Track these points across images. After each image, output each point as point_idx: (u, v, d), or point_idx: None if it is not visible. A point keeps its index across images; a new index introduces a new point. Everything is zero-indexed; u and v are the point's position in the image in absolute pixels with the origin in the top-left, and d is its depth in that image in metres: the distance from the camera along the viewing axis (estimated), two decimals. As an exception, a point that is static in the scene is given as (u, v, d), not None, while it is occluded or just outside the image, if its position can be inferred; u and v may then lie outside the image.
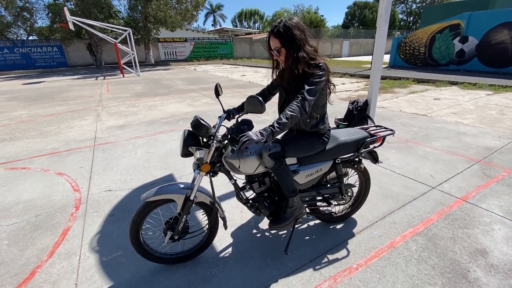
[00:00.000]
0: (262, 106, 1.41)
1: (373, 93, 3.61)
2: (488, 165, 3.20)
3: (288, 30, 1.49)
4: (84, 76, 15.97)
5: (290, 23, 1.50)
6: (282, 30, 1.49)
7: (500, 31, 9.97)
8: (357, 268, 1.82)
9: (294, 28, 1.49)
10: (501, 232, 2.10)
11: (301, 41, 1.51)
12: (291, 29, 1.49)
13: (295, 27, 1.50)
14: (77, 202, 2.68)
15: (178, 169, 3.38)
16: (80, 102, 8.05)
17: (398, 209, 2.43)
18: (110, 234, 2.20)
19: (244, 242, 2.09)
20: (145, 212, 1.66)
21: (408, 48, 13.16)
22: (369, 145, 2.00)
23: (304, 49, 1.51)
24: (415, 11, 40.85)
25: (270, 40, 1.56)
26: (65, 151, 4.12)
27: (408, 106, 6.26)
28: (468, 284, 1.67)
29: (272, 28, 1.53)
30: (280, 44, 1.52)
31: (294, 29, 1.49)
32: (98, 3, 19.22)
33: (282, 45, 1.52)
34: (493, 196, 2.58)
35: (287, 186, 1.73)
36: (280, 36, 1.51)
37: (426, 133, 4.35)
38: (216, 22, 57.36)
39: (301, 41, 1.51)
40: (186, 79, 13.11)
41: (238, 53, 29.60)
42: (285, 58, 1.56)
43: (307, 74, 1.54)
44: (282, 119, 1.44)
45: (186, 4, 22.26)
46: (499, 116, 5.19)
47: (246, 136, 1.39)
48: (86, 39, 21.83)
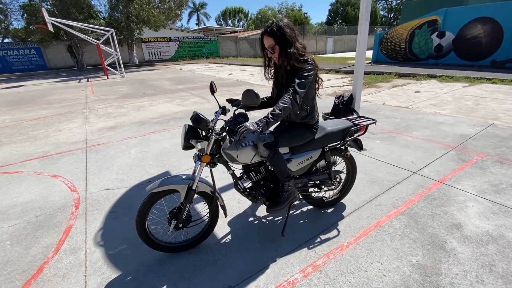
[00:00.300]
0: (258, 98, 1.56)
1: (357, 88, 3.81)
2: (463, 151, 3.47)
3: (280, 29, 1.65)
4: (66, 78, 15.54)
5: (281, 23, 1.66)
6: (275, 29, 1.65)
7: (474, 26, 10.52)
8: (347, 245, 1.99)
9: (285, 27, 1.65)
10: (474, 208, 2.34)
11: (292, 39, 1.67)
12: (283, 28, 1.65)
13: (286, 26, 1.66)
14: (76, 202, 2.73)
15: (174, 166, 3.47)
16: (65, 105, 7.90)
17: (383, 193, 2.63)
18: (113, 229, 2.28)
19: (243, 229, 2.23)
20: (151, 202, 1.76)
21: (390, 43, 13.63)
22: (353, 134, 2.20)
23: (295, 45, 1.67)
24: (395, 8, 42.03)
25: (263, 39, 1.71)
26: (56, 154, 4.10)
27: (390, 99, 6.56)
28: (445, 253, 1.88)
29: (266, 28, 1.69)
30: (274, 42, 1.67)
31: (286, 28, 1.65)
32: (77, 3, 18.67)
33: (275, 42, 1.67)
34: (467, 177, 2.83)
35: (281, 172, 1.88)
36: (273, 35, 1.66)
37: (407, 124, 4.62)
38: (200, 21, 56.84)
39: (292, 38, 1.67)
40: (173, 79, 13.04)
41: (224, 52, 29.53)
42: (279, 55, 1.71)
43: (297, 69, 1.70)
44: (276, 110, 1.59)
45: (169, 3, 21.97)
46: (474, 106, 5.55)
47: (243, 127, 1.52)
48: (66, 40, 21.17)
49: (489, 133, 3.99)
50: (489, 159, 3.21)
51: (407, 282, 1.68)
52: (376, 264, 1.83)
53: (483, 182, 2.73)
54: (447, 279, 1.69)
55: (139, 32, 22.19)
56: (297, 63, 1.69)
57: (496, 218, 2.20)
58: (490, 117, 4.73)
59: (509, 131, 4.02)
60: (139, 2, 19.72)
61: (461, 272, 1.73)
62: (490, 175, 2.85)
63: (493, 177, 2.81)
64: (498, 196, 2.48)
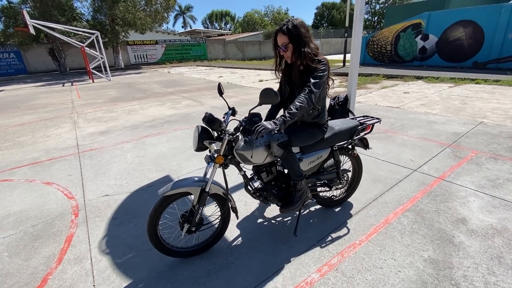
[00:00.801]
0: (277, 96, 1.55)
1: (352, 89, 3.87)
2: (458, 148, 3.59)
3: (295, 28, 1.65)
4: (48, 82, 14.99)
5: (296, 22, 1.67)
6: (290, 27, 1.65)
7: (456, 28, 10.99)
8: (360, 243, 2.00)
9: (300, 26, 1.66)
10: (475, 203, 2.41)
11: (306, 38, 1.67)
12: (298, 27, 1.65)
13: (301, 25, 1.67)
14: (75, 209, 2.61)
15: (174, 170, 3.39)
16: (51, 110, 7.61)
17: (387, 191, 2.68)
18: (118, 237, 2.20)
19: (253, 231, 2.20)
20: (163, 206, 1.71)
21: (376, 46, 14.01)
22: (360, 133, 2.22)
23: (309, 45, 1.67)
24: (379, 11, 43.31)
25: (277, 37, 1.71)
26: (47, 160, 3.92)
27: (382, 100, 6.72)
28: (454, 247, 1.92)
29: (281, 26, 1.69)
30: (288, 40, 1.67)
31: (300, 27, 1.66)
32: (59, 5, 18.11)
33: (289, 41, 1.67)
34: (465, 173, 2.93)
35: (294, 171, 1.88)
36: (288, 33, 1.66)
37: (401, 124, 4.74)
38: (186, 23, 56.44)
39: (306, 38, 1.67)
40: (161, 82, 12.84)
41: (212, 55, 29.41)
42: (292, 53, 1.71)
43: (311, 69, 1.71)
44: (293, 109, 1.59)
45: (156, 6, 21.68)
46: (461, 105, 5.77)
47: (261, 126, 1.51)
48: (47, 43, 20.44)
49: (480, 131, 4.15)
50: (483, 155, 3.33)
51: (422, 277, 1.70)
52: (390, 260, 1.84)
53: (480, 177, 2.83)
54: (459, 272, 1.73)
55: (125, 35, 21.75)
56: (311, 63, 1.70)
57: (498, 212, 2.27)
58: (478, 116, 4.93)
59: (498, 129, 4.20)
60: (125, 5, 19.34)
61: (472, 265, 1.77)
62: (486, 170, 2.96)
63: (490, 172, 2.92)
64: (497, 191, 2.57)
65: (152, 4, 21.38)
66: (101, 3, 19.85)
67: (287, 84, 1.89)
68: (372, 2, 42.65)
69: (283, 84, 1.96)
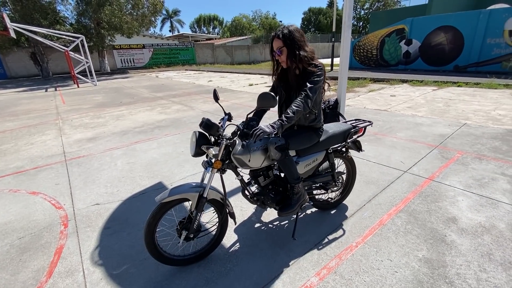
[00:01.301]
0: (275, 100, 1.56)
1: (342, 93, 3.95)
2: (445, 149, 3.71)
3: (289, 32, 1.70)
4: (30, 88, 14.47)
5: (291, 28, 1.72)
6: (285, 32, 1.70)
7: (438, 34, 11.43)
8: (356, 245, 2.03)
9: (294, 31, 1.71)
10: (464, 202, 2.50)
11: (301, 42, 1.72)
12: (292, 32, 1.70)
13: (296, 30, 1.72)
14: (64, 220, 2.52)
15: (166, 176, 3.34)
16: (34, 116, 7.34)
17: (380, 192, 2.73)
18: (111, 247, 2.13)
19: (251, 236, 2.19)
20: (161, 213, 1.67)
21: (362, 50, 14.37)
22: (353, 136, 2.27)
23: (304, 49, 1.71)
24: (363, 17, 44.55)
25: (273, 42, 1.74)
26: (32, 169, 3.78)
27: (370, 103, 6.88)
28: (447, 246, 1.98)
29: (276, 32, 1.73)
30: (283, 44, 1.71)
31: (295, 32, 1.71)
32: (41, 9, 17.61)
33: (284, 44, 1.71)
34: (452, 174, 3.03)
35: (292, 174, 1.89)
36: (282, 37, 1.70)
37: (390, 126, 4.86)
38: (173, 28, 56.06)
39: (301, 42, 1.72)
40: (150, 87, 12.66)
41: (200, 59, 29.30)
42: (287, 57, 1.74)
43: (307, 73, 1.74)
44: (289, 113, 1.61)
45: (142, 9, 21.44)
46: (445, 107, 5.98)
47: (259, 129, 1.52)
48: (27, 47, 19.79)
49: (464, 132, 4.31)
50: (468, 156, 3.46)
51: (418, 276, 1.74)
52: (386, 261, 1.87)
53: (467, 177, 2.93)
54: (453, 270, 1.77)
55: (111, 39, 21.37)
56: (307, 66, 1.74)
57: (485, 210, 2.36)
58: (462, 118, 5.13)
59: (481, 130, 4.38)
60: (110, 9, 19.03)
61: (464, 263, 1.83)
62: (472, 170, 3.07)
63: (475, 172, 3.03)
64: (483, 190, 2.67)
65: (139, 8, 21.14)
66: (86, 6, 19.46)
67: (283, 89, 1.92)
68: (357, 7, 43.85)
69: (278, 89, 1.98)
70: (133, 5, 20.82)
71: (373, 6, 42.94)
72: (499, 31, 9.94)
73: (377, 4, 42.50)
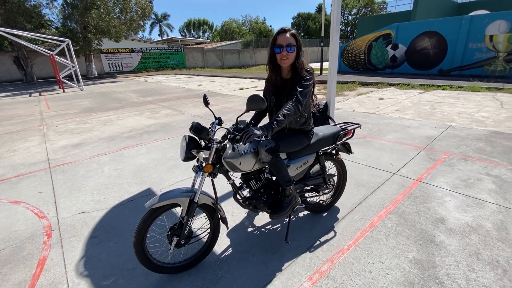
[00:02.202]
0: (264, 102, 1.56)
1: (331, 96, 3.99)
2: (432, 151, 3.80)
3: (297, 35, 1.73)
4: (13, 93, 14.03)
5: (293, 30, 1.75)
6: (295, 33, 1.72)
7: (422, 39, 11.80)
8: (348, 248, 2.03)
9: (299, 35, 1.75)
10: (451, 202, 2.55)
11: (301, 47, 1.75)
12: (298, 36, 1.74)
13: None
14: (47, 229, 2.42)
15: (155, 182, 3.27)
16: (16, 122, 7.10)
17: (370, 195, 2.75)
18: (97, 257, 2.05)
19: (242, 242, 2.16)
20: (151, 219, 1.63)
21: (350, 55, 14.65)
22: (342, 138, 2.29)
23: (302, 54, 1.75)
24: (351, 22, 45.55)
25: (282, 38, 1.70)
26: (14, 177, 3.63)
27: (358, 106, 6.99)
28: (436, 247, 2.00)
29: (285, 28, 1.72)
30: (295, 43, 1.71)
31: (299, 37, 1.75)
32: (25, 12, 17.18)
33: (295, 44, 1.71)
34: (440, 175, 3.09)
35: (283, 177, 1.88)
36: (294, 36, 1.71)
37: (378, 129, 4.94)
38: (163, 32, 55.75)
39: (301, 47, 1.75)
40: (139, 91, 12.49)
41: (190, 63, 29.19)
42: (292, 57, 1.74)
43: (298, 78, 1.75)
44: (280, 117, 1.62)
45: (131, 13, 21.23)
46: (431, 110, 6.14)
47: (250, 131, 1.51)
48: (11, 51, 19.24)
49: (449, 134, 4.43)
50: (454, 157, 3.55)
51: (409, 278, 1.75)
52: (378, 264, 1.88)
53: (454, 178, 3.00)
54: (442, 270, 1.79)
55: (98, 43, 21.04)
56: (301, 71, 1.76)
57: (472, 210, 2.41)
58: (447, 120, 5.27)
59: (465, 131, 4.50)
60: (98, 12, 18.76)
61: (453, 263, 1.85)
62: (458, 171, 3.15)
63: (461, 173, 3.10)
64: (469, 190, 2.74)
65: (127, 11, 20.93)
66: (72, 10, 19.12)
67: (273, 93, 1.91)
68: (345, 13, 44.82)
69: (268, 93, 1.98)
70: (121, 9, 20.61)
71: (360, 12, 44.02)
72: (480, 36, 10.34)
73: (364, 10, 43.59)
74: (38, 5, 18.58)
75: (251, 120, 2.07)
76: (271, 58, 1.81)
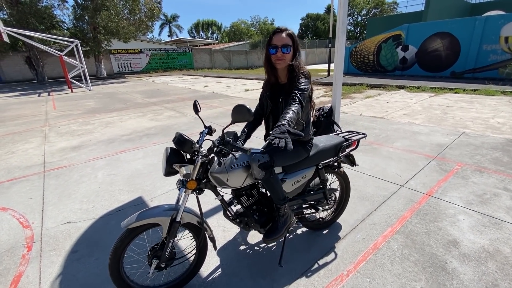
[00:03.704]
0: (250, 114, 1.38)
1: (336, 100, 3.77)
2: (443, 160, 3.53)
3: (294, 35, 1.59)
4: (23, 92, 14.26)
5: (290, 30, 1.60)
6: (292, 32, 1.57)
7: (434, 40, 11.39)
8: (347, 274, 1.82)
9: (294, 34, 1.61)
10: (465, 222, 2.30)
11: (298, 49, 1.61)
12: (294, 34, 1.60)
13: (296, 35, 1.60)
14: (29, 241, 2.30)
15: (147, 190, 3.13)
16: (21, 123, 7.12)
17: (375, 210, 2.53)
18: (75, 275, 1.91)
19: (232, 262, 1.98)
20: (129, 239, 1.48)
21: (359, 56, 14.31)
22: (345, 149, 2.08)
23: (300, 56, 1.61)
24: (360, 23, 44.88)
25: (277, 38, 1.57)
26: (7, 181, 3.55)
27: (366, 110, 6.73)
28: (448, 276, 1.77)
29: (281, 28, 1.58)
30: (291, 43, 1.57)
31: (296, 37, 1.60)
32: (37, 13, 17.51)
33: (291, 44, 1.57)
34: (452, 188, 2.84)
35: (277, 195, 1.70)
36: (290, 36, 1.57)
37: (386, 135, 4.69)
38: (172, 33, 56.21)
39: (298, 48, 1.61)
40: (144, 92, 12.49)
41: (198, 64, 29.24)
42: (288, 58, 1.59)
43: (295, 81, 1.58)
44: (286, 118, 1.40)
45: (139, 14, 21.39)
46: (443, 115, 5.83)
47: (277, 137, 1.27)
48: (24, 51, 19.65)
49: (463, 142, 4.14)
50: (468, 168, 3.28)
51: (416, 314, 1.53)
52: (381, 294, 1.67)
53: (468, 193, 2.74)
54: (455, 306, 1.57)
55: (107, 44, 21.27)
56: (298, 74, 1.60)
57: (488, 232, 2.17)
58: (460, 126, 4.97)
59: (480, 139, 4.21)
60: (107, 13, 18.95)
61: (468, 296, 1.63)
62: (473, 185, 2.89)
63: (476, 187, 2.84)
64: (485, 207, 2.48)
65: (135, 13, 21.09)
66: (82, 11, 19.40)
67: (269, 98, 1.74)
68: (354, 14, 44.21)
69: (264, 98, 1.80)
70: (130, 10, 20.78)
71: (370, 13, 43.31)
72: (495, 38, 9.89)
73: (374, 10, 42.88)
74: (49, 7, 18.93)
75: (244, 128, 1.89)
76: (267, 59, 1.66)
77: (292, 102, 1.51)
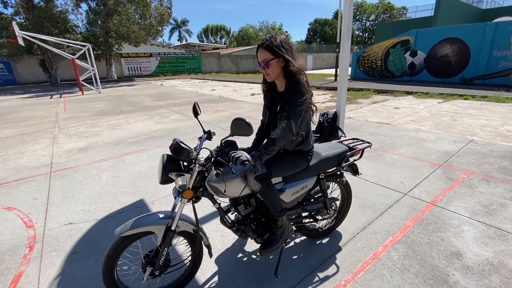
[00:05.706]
0: (249, 128, 1.38)
1: (341, 105, 3.74)
2: (449, 169, 3.45)
3: (277, 45, 1.50)
4: (36, 94, 14.68)
5: (279, 38, 1.53)
6: (271, 44, 1.50)
7: (443, 45, 11.23)
8: (345, 285, 1.79)
9: (283, 42, 1.52)
10: (470, 233, 2.23)
11: (289, 56, 1.52)
12: (282, 42, 1.51)
13: (284, 42, 1.53)
14: (31, 241, 2.34)
15: (149, 193, 3.15)
16: (32, 124, 7.31)
17: (376, 219, 2.48)
18: (73, 277, 1.93)
19: (228, 269, 1.96)
20: (123, 246, 1.48)
21: (367, 61, 14.22)
22: (349, 159, 2.03)
23: (293, 63, 1.53)
24: (369, 28, 44.67)
25: (258, 53, 1.55)
26: (14, 181, 3.64)
27: (372, 115, 6.65)
28: (449, 289, 1.72)
29: (262, 41, 1.54)
30: (271, 56, 1.52)
31: (283, 43, 1.52)
32: (52, 18, 18.08)
33: (273, 57, 1.52)
34: (457, 198, 2.77)
35: (275, 207, 1.67)
36: (269, 49, 1.51)
37: (391, 141, 4.62)
38: (182, 37, 57.11)
39: (289, 56, 1.52)
40: (152, 95, 12.68)
41: (206, 68, 29.57)
42: (272, 71, 1.56)
43: (290, 92, 1.54)
44: (270, 145, 1.46)
45: (150, 19, 21.85)
46: (451, 122, 5.71)
47: (239, 153, 1.35)
48: (39, 54, 20.28)
49: (470, 150, 4.04)
50: (475, 177, 3.19)
51: (414, 328, 1.49)
52: (378, 306, 1.63)
53: (474, 202, 2.67)
54: (456, 321, 1.52)
55: (118, 48, 21.75)
56: (294, 84, 1.55)
57: (493, 244, 2.10)
58: (468, 133, 4.86)
59: (488, 147, 4.10)
60: (119, 18, 19.43)
61: (469, 311, 1.57)
62: (479, 194, 2.81)
63: (483, 196, 2.76)
64: (491, 218, 2.41)
65: (146, 17, 21.54)
66: (95, 16, 19.95)
67: (267, 107, 1.73)
68: (362, 19, 44.05)
69: (264, 107, 1.80)
70: (141, 15, 21.25)
71: (379, 18, 43.08)
72: (505, 44, 9.69)
73: (383, 15, 42.63)
74: (64, 11, 19.53)
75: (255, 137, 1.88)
76: None
77: (284, 120, 1.51)
